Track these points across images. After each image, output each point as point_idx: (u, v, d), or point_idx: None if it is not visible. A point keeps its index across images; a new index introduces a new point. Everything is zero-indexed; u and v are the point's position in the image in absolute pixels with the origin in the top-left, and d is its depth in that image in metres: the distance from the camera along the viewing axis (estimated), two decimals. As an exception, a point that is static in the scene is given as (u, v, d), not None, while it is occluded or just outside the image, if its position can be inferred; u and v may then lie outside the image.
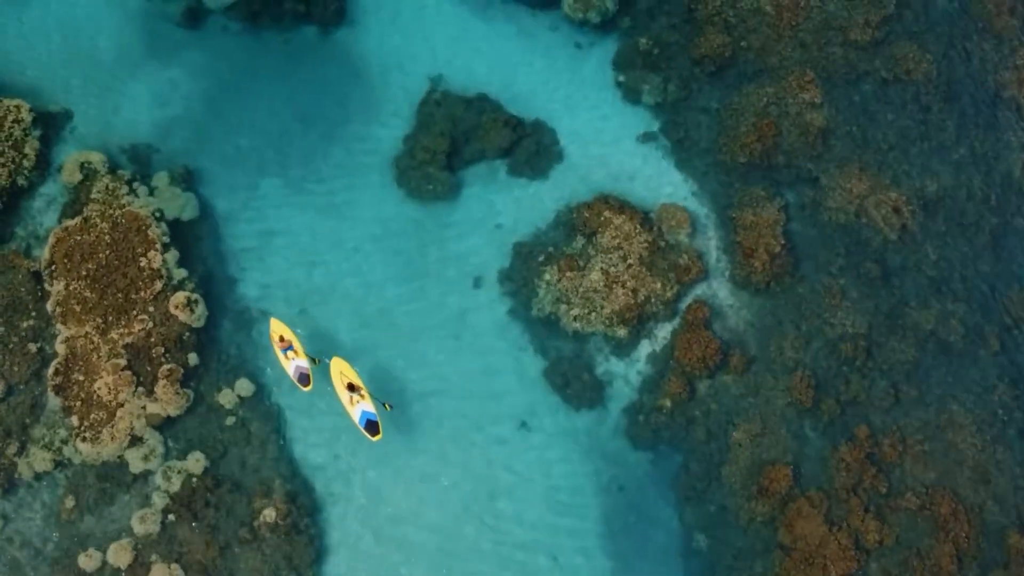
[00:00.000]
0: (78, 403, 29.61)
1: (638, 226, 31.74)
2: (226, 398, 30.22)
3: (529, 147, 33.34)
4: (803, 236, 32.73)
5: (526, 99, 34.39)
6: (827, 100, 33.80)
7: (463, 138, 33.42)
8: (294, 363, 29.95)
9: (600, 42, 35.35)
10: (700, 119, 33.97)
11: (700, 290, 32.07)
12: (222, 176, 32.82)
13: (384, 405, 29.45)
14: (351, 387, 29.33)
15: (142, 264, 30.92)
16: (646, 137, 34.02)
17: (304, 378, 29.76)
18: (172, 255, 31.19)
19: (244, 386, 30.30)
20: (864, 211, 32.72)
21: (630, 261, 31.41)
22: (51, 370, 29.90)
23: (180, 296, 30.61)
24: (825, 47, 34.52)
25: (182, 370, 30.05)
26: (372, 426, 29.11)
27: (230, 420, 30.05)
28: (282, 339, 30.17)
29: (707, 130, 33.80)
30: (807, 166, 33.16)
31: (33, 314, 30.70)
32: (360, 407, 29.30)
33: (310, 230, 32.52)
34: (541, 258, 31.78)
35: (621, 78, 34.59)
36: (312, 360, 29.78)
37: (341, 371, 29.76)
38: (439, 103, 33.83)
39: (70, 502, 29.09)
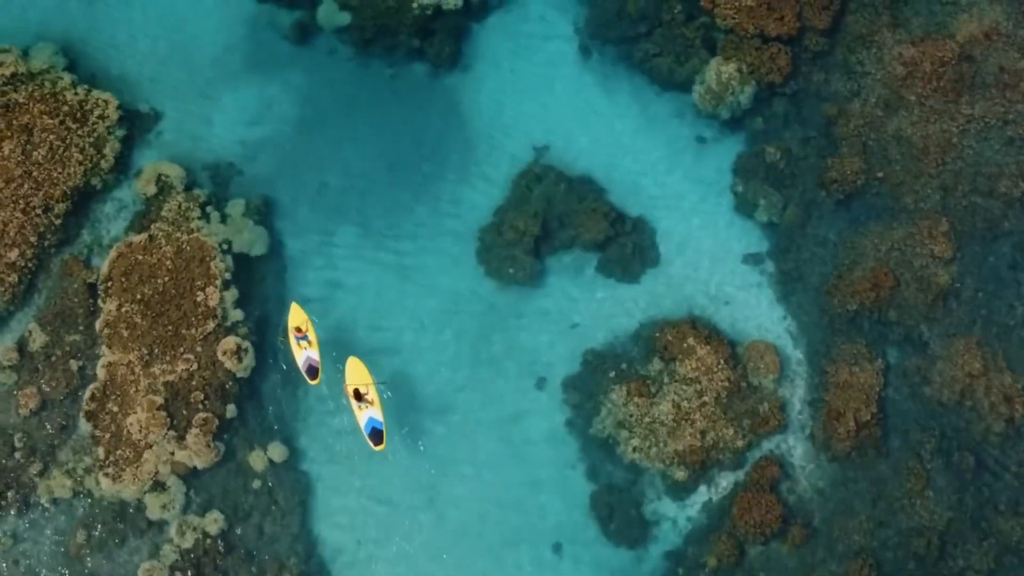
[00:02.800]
0: (107, 435, 28.55)
1: (722, 361, 29.33)
2: (257, 460, 28.90)
3: (625, 246, 30.98)
4: (898, 406, 30.01)
5: (632, 188, 31.95)
6: (957, 256, 30.74)
7: (557, 222, 31.19)
8: (306, 353, 28.75)
9: (725, 139, 32.58)
10: (814, 250, 31.17)
11: (774, 443, 29.64)
12: (299, 214, 31.10)
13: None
14: (358, 395, 27.99)
15: (198, 299, 29.51)
16: (752, 259, 31.37)
17: (312, 371, 28.60)
18: (231, 294, 29.71)
19: (277, 450, 28.92)
20: (971, 393, 29.83)
21: (706, 399, 29.07)
22: (87, 394, 28.83)
23: (231, 342, 29.16)
24: (968, 195, 31.39)
25: (217, 421, 28.78)
26: (377, 435, 27.97)
27: (257, 483, 28.75)
28: (298, 329, 28.60)
29: (819, 265, 31.02)
30: (919, 327, 30.30)
31: (81, 328, 29.61)
32: (367, 413, 28.06)
33: (378, 290, 30.78)
34: (612, 374, 29.60)
35: (739, 187, 31.86)
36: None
37: (353, 373, 28.37)
38: (539, 178, 31.54)
39: (81, 537, 28.23)
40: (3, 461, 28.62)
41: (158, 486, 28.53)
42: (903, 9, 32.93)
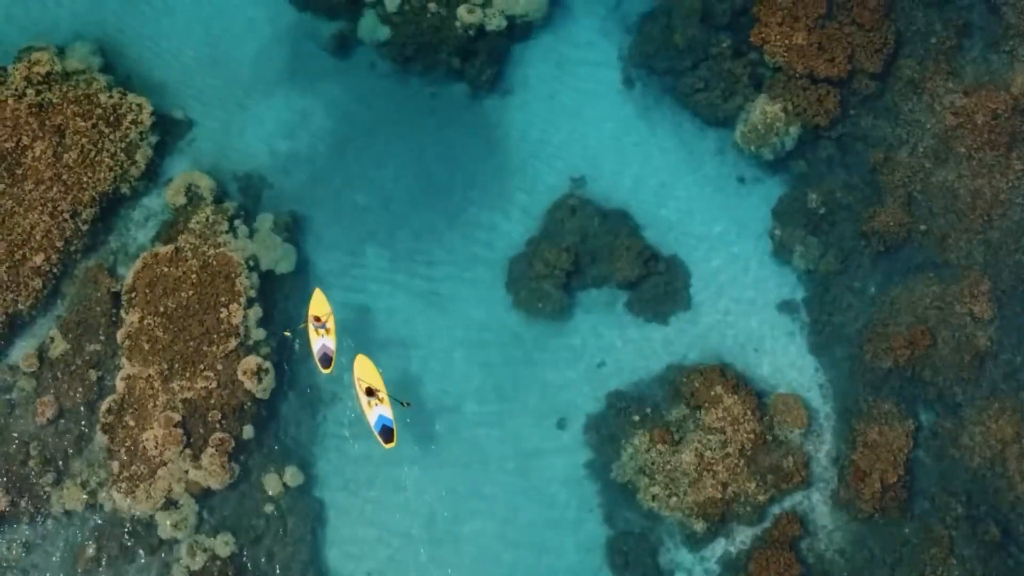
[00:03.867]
0: (123, 449, 28.26)
1: (749, 412, 28.74)
2: (272, 483, 28.56)
3: (657, 286, 30.36)
4: (926, 468, 29.36)
5: (668, 226, 31.30)
6: (998, 318, 29.92)
7: (589, 257, 30.58)
8: (322, 341, 28.27)
9: (766, 180, 31.84)
10: (851, 302, 30.46)
11: (796, 499, 29.01)
12: (329, 232, 30.67)
13: (402, 403, 27.57)
14: (369, 391, 27.47)
15: (222, 315, 29.11)
16: (786, 306, 30.70)
17: (326, 359, 28.14)
18: (255, 312, 29.29)
19: (293, 474, 28.56)
20: (1002, 460, 29.15)
21: (729, 450, 28.49)
22: (105, 406, 28.54)
23: (252, 361, 28.77)
24: (1014, 254, 30.56)
25: (233, 442, 28.39)
26: (387, 432, 27.37)
27: (269, 508, 28.42)
28: (317, 318, 28.24)
29: (855, 317, 30.32)
30: (953, 389, 29.59)
31: (102, 338, 29.28)
32: (377, 411, 27.51)
33: (406, 316, 30.32)
34: (636, 418, 29.07)
35: (777, 231, 31.14)
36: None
37: (363, 371, 27.87)
38: (574, 210, 30.90)
39: (90, 550, 28.03)
40: (18, 469, 28.35)
41: (171, 504, 28.24)
42: (957, 57, 32.03)
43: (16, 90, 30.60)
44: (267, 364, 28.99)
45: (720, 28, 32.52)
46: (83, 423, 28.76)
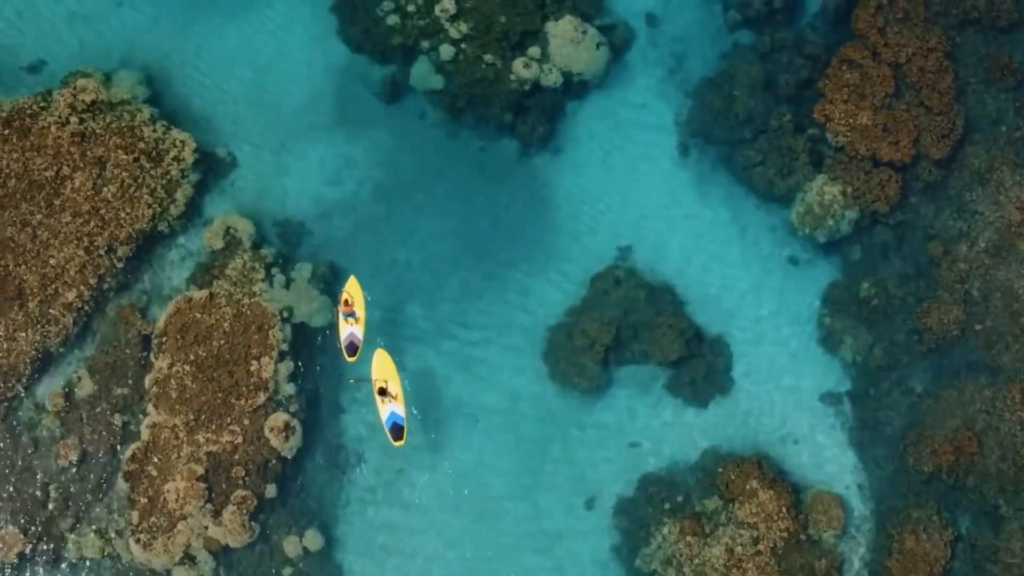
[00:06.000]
0: (144, 499, 27.81)
1: (784, 509, 27.95)
2: (291, 546, 28.07)
3: (698, 369, 29.52)
4: (961, 580, 28.46)
5: (714, 304, 30.47)
6: (1050, 434, 28.86)
7: (631, 331, 29.75)
8: (350, 329, 27.92)
9: (819, 263, 30.89)
10: (897, 399, 29.52)
11: (825, 602, 28.16)
12: (366, 286, 29.79)
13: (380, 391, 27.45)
14: (382, 392, 27.17)
15: (252, 368, 28.53)
16: (830, 398, 29.80)
17: (352, 348, 27.83)
18: (286, 366, 28.70)
19: (313, 538, 28.06)
20: (1043, 580, 28.16)
21: (761, 547, 27.74)
22: (128, 453, 28.09)
23: (279, 418, 28.22)
24: (1071, 363, 29.40)
25: (256, 501, 27.81)
26: (397, 430, 27.15)
27: (287, 571, 27.93)
28: (347, 304, 27.79)
29: (901, 416, 29.41)
30: (997, 500, 28.66)
31: (130, 382, 28.80)
32: (390, 408, 27.30)
33: (436, 379, 29.70)
34: (667, 505, 28.34)
35: (826, 319, 30.22)
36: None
37: (380, 367, 27.63)
38: (618, 282, 30.08)
39: (104, 601, 27.52)
40: (37, 510, 27.95)
41: (188, 559, 27.80)
42: (1027, 148, 30.90)
43: (59, 117, 30.06)
44: (295, 422, 28.41)
45: (783, 99, 31.53)
46: (105, 468, 28.38)
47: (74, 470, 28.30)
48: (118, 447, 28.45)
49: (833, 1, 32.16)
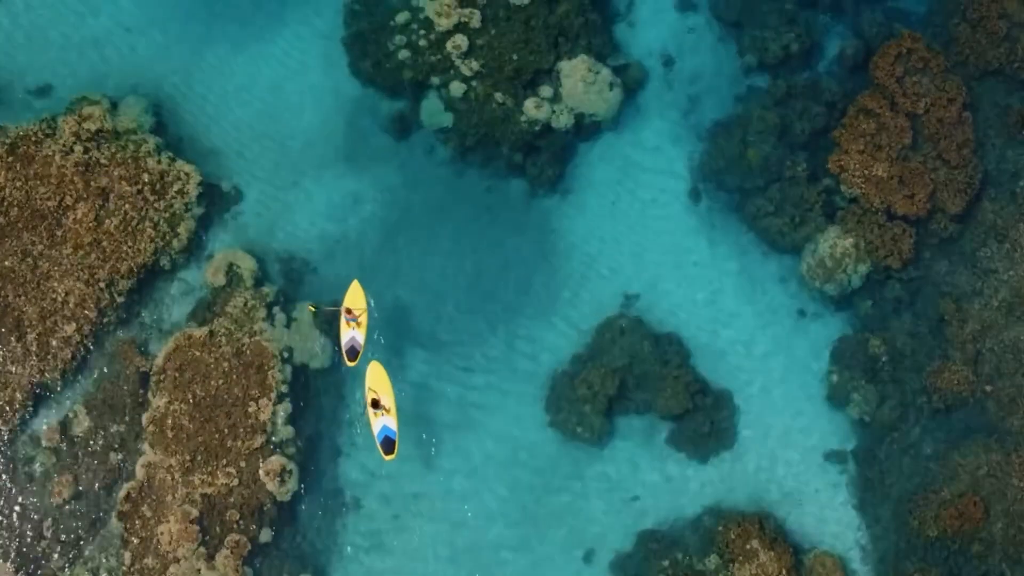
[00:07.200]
0: (136, 540, 27.57)
1: (784, 571, 27.50)
2: (284, 592, 27.68)
3: (701, 423, 29.08)
4: (963, 648, 28.01)
5: (720, 356, 30.00)
6: (1058, 495, 28.36)
7: (635, 382, 29.28)
8: (351, 333, 27.87)
9: (828, 317, 30.39)
10: (903, 461, 29.04)
11: (824, 667, 27.76)
12: (369, 327, 29.35)
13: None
14: (375, 404, 27.04)
15: (250, 410, 28.23)
16: (835, 456, 29.36)
17: (353, 352, 27.82)
18: (284, 408, 28.40)
19: (306, 584, 27.64)
20: (1045, 654, 27.69)
21: (760, 610, 27.28)
22: (123, 493, 27.84)
23: (276, 462, 27.92)
24: (1080, 428, 28.85)
25: (250, 545, 27.50)
26: (388, 444, 27.07)
27: (279, 617, 27.55)
28: (349, 311, 27.75)
29: (906, 478, 28.95)
30: (1001, 568, 28.16)
31: (126, 420, 28.53)
32: (382, 421, 27.22)
33: (436, 425, 29.28)
34: (665, 562, 27.93)
35: (834, 375, 29.72)
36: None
37: (375, 379, 27.56)
38: (624, 332, 29.62)
39: (95, 641, 27.29)
40: (31, 546, 27.69)
41: (180, 602, 27.44)
42: (1044, 204, 30.35)
43: (64, 145, 29.77)
44: (291, 465, 28.09)
45: (797, 147, 31.00)
46: (99, 506, 28.11)
47: (68, 507, 28.03)
48: (113, 485, 28.12)
49: (851, 48, 31.53)
